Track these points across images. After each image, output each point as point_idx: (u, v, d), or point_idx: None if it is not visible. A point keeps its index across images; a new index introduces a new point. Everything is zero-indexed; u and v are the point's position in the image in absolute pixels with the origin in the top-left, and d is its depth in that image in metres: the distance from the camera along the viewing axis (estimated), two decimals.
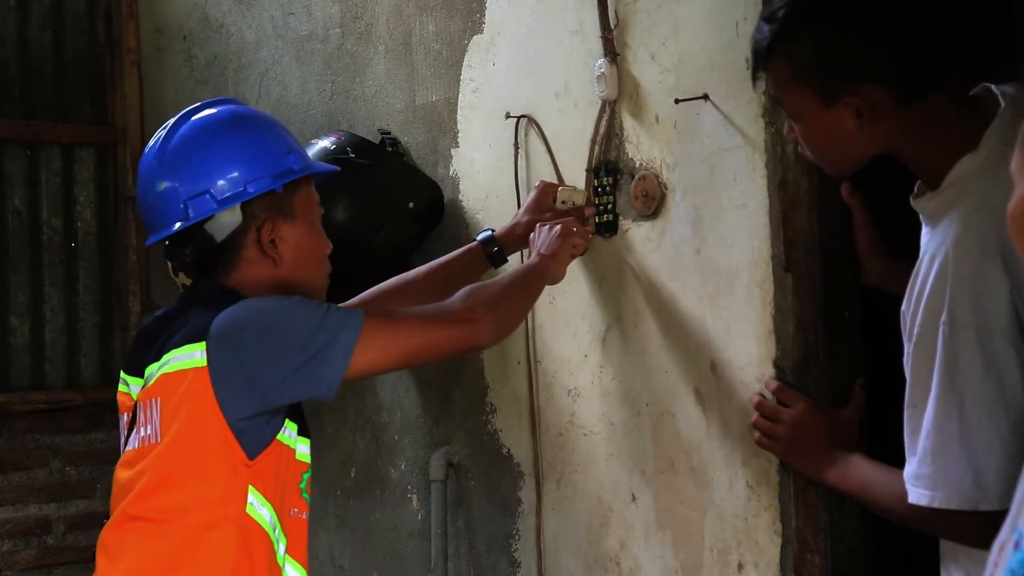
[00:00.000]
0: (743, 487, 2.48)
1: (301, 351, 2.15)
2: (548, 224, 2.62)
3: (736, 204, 2.47)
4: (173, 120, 2.37)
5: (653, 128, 2.63)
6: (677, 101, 2.54)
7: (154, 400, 2.23)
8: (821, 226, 2.42)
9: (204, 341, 2.17)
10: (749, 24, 2.36)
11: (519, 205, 2.85)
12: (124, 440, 2.32)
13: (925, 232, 2.01)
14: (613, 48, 2.67)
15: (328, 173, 2.46)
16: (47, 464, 4.29)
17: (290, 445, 2.24)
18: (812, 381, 2.41)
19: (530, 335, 2.92)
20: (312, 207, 2.37)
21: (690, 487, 2.58)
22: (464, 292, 2.37)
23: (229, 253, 2.30)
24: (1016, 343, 1.85)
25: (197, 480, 2.18)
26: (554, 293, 2.86)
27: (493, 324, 2.34)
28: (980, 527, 1.84)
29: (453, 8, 3.11)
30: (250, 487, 2.18)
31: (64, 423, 4.31)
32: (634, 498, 2.69)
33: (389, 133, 3.25)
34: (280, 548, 2.24)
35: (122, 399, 2.34)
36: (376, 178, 3.05)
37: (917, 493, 1.91)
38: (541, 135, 2.87)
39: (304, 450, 2.28)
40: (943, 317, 1.87)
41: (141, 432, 2.26)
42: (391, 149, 3.19)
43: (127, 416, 2.32)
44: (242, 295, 2.26)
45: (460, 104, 3.10)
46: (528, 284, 2.52)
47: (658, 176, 2.62)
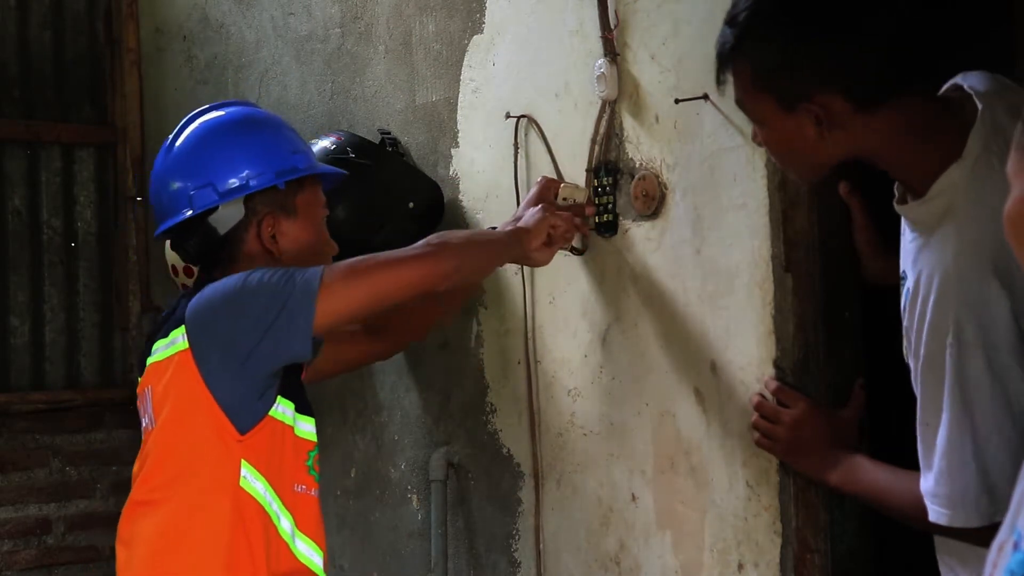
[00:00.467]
0: (743, 487, 2.48)
1: (267, 311, 2.21)
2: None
3: (736, 204, 2.47)
4: (184, 120, 2.49)
5: (653, 128, 2.63)
6: (677, 101, 2.54)
7: (147, 390, 2.36)
8: (821, 226, 2.42)
9: (183, 325, 2.27)
10: None
11: (519, 205, 2.85)
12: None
13: (911, 238, 2.00)
14: (613, 48, 2.67)
15: (337, 177, 2.55)
16: (47, 464, 4.29)
17: (286, 422, 2.31)
18: (812, 381, 2.41)
19: (530, 335, 2.92)
20: (315, 207, 2.46)
21: (690, 487, 2.58)
22: (428, 237, 2.41)
23: (231, 246, 2.40)
24: (1020, 357, 1.85)
25: (190, 456, 2.27)
26: (554, 293, 2.86)
27: (456, 259, 2.35)
28: (993, 535, 1.85)
29: (453, 8, 3.11)
30: (243, 461, 2.26)
31: (64, 423, 4.31)
32: (634, 498, 2.69)
33: (389, 133, 3.25)
34: (284, 523, 2.29)
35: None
36: (376, 178, 3.05)
37: (935, 512, 1.91)
38: (541, 135, 2.87)
39: (307, 428, 2.35)
40: (949, 339, 1.87)
41: (143, 424, 2.38)
42: (391, 149, 3.19)
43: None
44: None
45: (460, 104, 3.10)
46: (491, 246, 2.51)
47: (658, 176, 2.62)
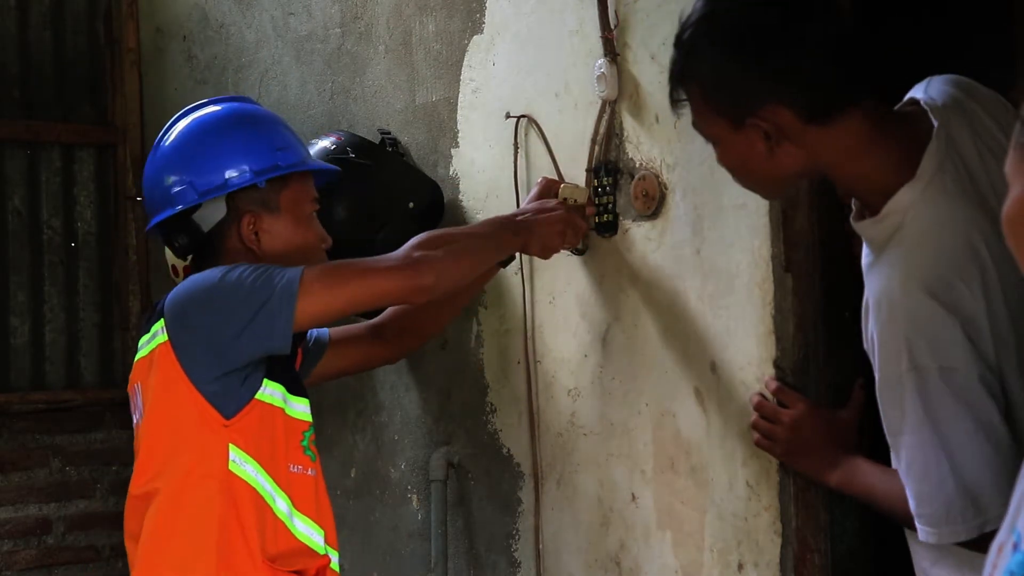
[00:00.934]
0: (743, 487, 2.48)
1: (246, 308, 2.24)
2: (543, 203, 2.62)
3: (736, 204, 2.47)
4: (175, 116, 2.52)
5: (653, 128, 2.63)
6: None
7: (136, 386, 2.39)
8: (821, 226, 2.42)
9: (162, 318, 2.31)
10: None
11: (519, 205, 2.85)
12: None
13: (867, 253, 2.02)
14: (613, 48, 2.67)
15: (331, 173, 2.56)
16: (47, 464, 4.29)
17: (275, 404, 2.33)
18: (812, 381, 2.41)
19: (530, 335, 2.92)
20: (302, 204, 2.46)
21: (690, 487, 2.58)
22: (416, 239, 2.42)
23: (215, 243, 2.43)
24: (981, 374, 1.87)
25: (176, 445, 2.30)
26: (554, 293, 2.86)
27: (434, 274, 2.35)
28: (986, 543, 1.86)
29: (453, 8, 3.11)
30: (231, 445, 2.28)
31: (64, 423, 4.31)
32: (634, 498, 2.69)
33: (389, 133, 3.25)
34: (279, 504, 2.31)
35: None
36: (376, 178, 3.05)
37: (923, 531, 1.93)
38: (541, 135, 2.87)
39: (300, 408, 2.37)
40: (905, 364, 1.89)
41: (134, 420, 2.41)
42: (391, 149, 3.19)
43: None
44: None
45: (460, 104, 3.10)
46: (487, 241, 2.52)
47: (658, 176, 2.62)
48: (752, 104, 1.92)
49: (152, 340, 2.34)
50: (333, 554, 2.40)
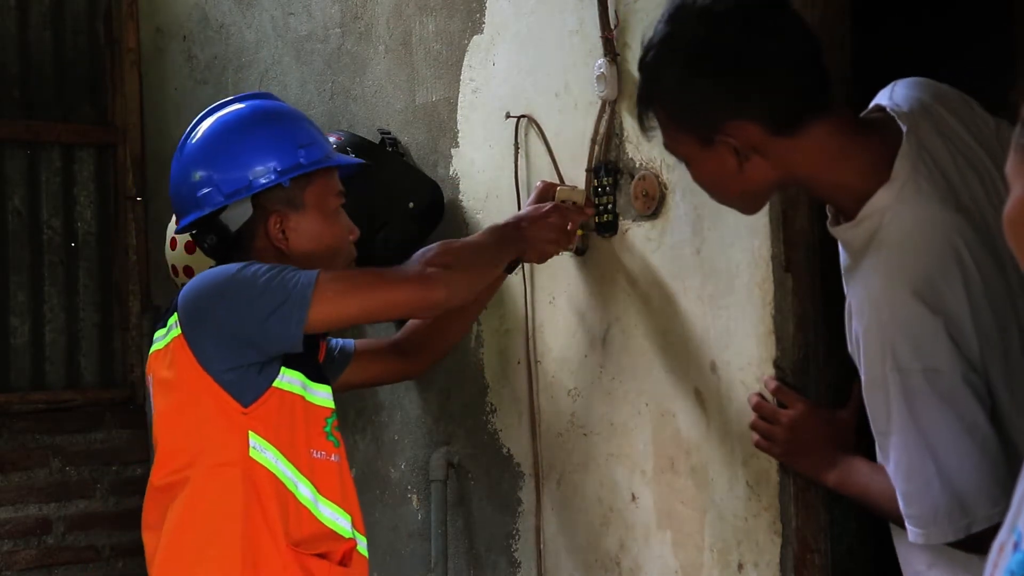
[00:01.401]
0: (743, 487, 2.48)
1: (261, 307, 2.27)
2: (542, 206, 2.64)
3: None
4: (200, 116, 2.55)
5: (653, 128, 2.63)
6: None
7: (149, 378, 2.42)
8: (821, 226, 2.42)
9: (176, 313, 2.35)
10: None
11: (519, 205, 2.85)
12: None
13: (845, 258, 2.03)
14: (613, 48, 2.67)
15: (351, 165, 2.59)
16: (47, 464, 4.28)
17: (294, 391, 2.35)
18: (812, 381, 2.41)
19: (530, 335, 2.92)
20: (327, 198, 2.49)
21: (690, 487, 2.58)
22: (427, 251, 2.44)
23: (244, 242, 2.45)
24: (964, 374, 1.88)
25: (196, 435, 2.33)
26: (554, 293, 2.86)
27: (446, 287, 2.39)
28: (975, 544, 1.87)
29: (453, 8, 3.11)
30: (250, 432, 2.31)
31: (64, 423, 4.31)
32: (634, 498, 2.69)
33: (389, 133, 3.25)
34: (302, 490, 2.34)
35: None
36: (376, 178, 3.05)
37: (912, 532, 1.95)
38: (541, 135, 2.87)
39: (322, 395, 2.40)
40: (888, 366, 1.90)
41: (148, 410, 2.44)
42: (391, 149, 3.19)
43: None
44: None
45: (460, 104, 3.10)
46: (490, 252, 2.55)
47: (658, 176, 2.62)
48: (717, 121, 1.94)
49: (168, 333, 2.37)
50: (361, 539, 2.43)
